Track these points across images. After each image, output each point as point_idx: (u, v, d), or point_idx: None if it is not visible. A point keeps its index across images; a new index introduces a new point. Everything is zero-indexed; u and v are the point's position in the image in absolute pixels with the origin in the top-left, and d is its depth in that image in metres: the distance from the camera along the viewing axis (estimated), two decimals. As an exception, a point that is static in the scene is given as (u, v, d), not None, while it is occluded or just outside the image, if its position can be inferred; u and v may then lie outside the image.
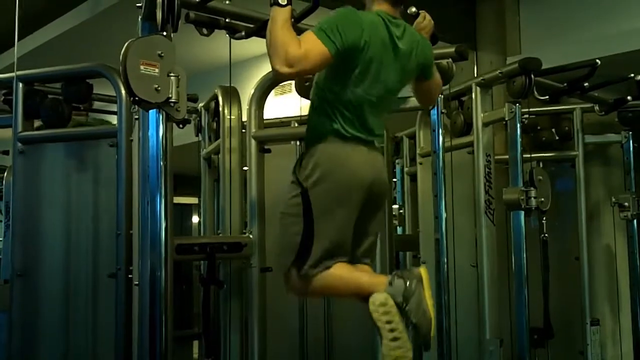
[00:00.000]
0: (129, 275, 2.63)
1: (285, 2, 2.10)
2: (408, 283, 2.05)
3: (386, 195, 2.42)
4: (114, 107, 3.15)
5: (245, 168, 3.27)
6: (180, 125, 3.90)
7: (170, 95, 2.04)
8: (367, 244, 2.31)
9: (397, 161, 4.79)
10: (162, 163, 2.18)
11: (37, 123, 3.26)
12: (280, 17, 2.07)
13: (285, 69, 2.04)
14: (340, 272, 2.16)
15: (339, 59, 2.12)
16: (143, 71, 1.97)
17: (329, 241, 2.14)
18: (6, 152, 4.15)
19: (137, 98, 1.97)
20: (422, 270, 2.12)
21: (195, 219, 9.15)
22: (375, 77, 2.20)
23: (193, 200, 8.36)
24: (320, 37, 2.07)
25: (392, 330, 2.02)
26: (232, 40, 2.64)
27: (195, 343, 5.16)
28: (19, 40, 3.17)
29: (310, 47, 2.06)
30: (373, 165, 2.25)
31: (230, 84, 3.39)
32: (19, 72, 3.08)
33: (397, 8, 2.29)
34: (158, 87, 2.00)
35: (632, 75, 3.59)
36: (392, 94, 2.34)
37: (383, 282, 2.09)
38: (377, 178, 2.26)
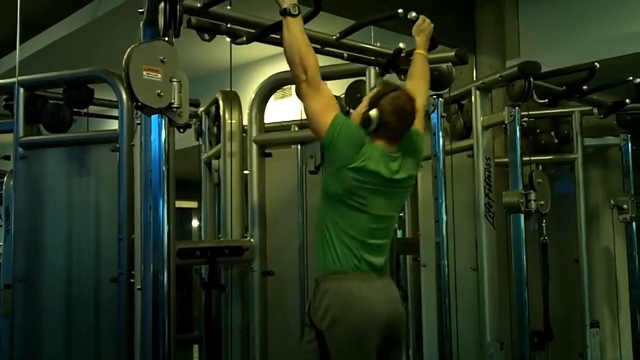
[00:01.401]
0: (131, 280, 2.64)
1: (297, 12, 2.17)
2: None
3: (403, 327, 2.36)
4: (115, 112, 3.16)
5: (246, 172, 3.28)
6: (181, 130, 3.94)
7: (172, 101, 2.04)
8: None
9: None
10: (164, 167, 2.18)
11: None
12: (296, 27, 2.16)
13: (302, 77, 2.17)
14: None
15: (331, 173, 2.17)
16: (146, 77, 1.98)
17: None
18: (7, 157, 4.15)
19: (139, 103, 1.98)
20: None
21: (195, 223, 9.14)
22: (374, 203, 2.20)
23: (193, 204, 8.35)
24: (335, 121, 2.15)
25: None
26: (233, 45, 2.65)
27: (196, 347, 5.16)
28: (19, 44, 3.19)
29: (328, 104, 2.18)
30: (387, 299, 2.22)
31: (231, 88, 3.40)
32: (20, 78, 3.09)
33: (393, 144, 2.26)
34: (160, 92, 2.01)
35: (631, 78, 3.60)
36: (394, 215, 2.34)
37: None
38: (393, 311, 2.21)
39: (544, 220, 3.42)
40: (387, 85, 2.32)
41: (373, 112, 2.21)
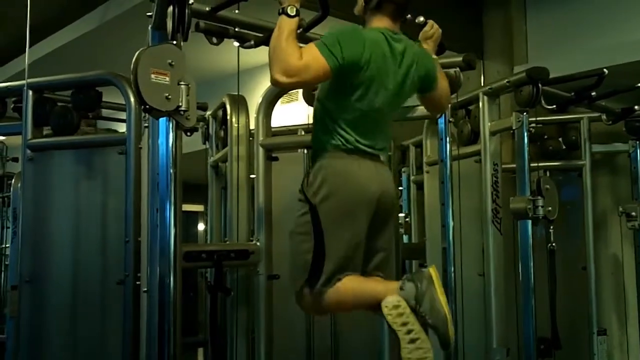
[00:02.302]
0: (137, 282, 2.64)
1: (294, 13, 2.13)
2: (419, 285, 2.04)
3: (395, 209, 2.42)
4: (122, 115, 3.17)
5: (252, 176, 3.28)
6: (188, 133, 3.95)
7: (180, 104, 2.05)
8: (379, 258, 2.30)
9: (403, 170, 4.79)
10: (171, 171, 2.18)
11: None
12: (286, 28, 2.11)
13: (283, 79, 2.08)
14: (352, 285, 2.15)
15: (339, 75, 2.14)
16: (154, 80, 1.99)
17: (340, 257, 2.14)
18: (15, 159, 4.18)
19: (147, 106, 1.98)
20: (432, 270, 2.10)
21: (201, 226, 9.16)
22: (377, 93, 2.21)
23: (199, 207, 8.38)
24: (321, 51, 2.09)
25: (409, 332, 2.01)
26: (240, 49, 2.66)
27: (201, 350, 5.16)
28: (29, 48, 3.20)
29: (311, 59, 2.09)
30: (380, 179, 2.26)
31: (238, 92, 3.41)
32: (28, 80, 3.10)
33: (397, 22, 2.30)
34: (168, 95, 2.02)
35: (640, 84, 3.59)
36: (394, 108, 2.35)
37: (394, 288, 2.09)
38: (385, 192, 2.26)
39: (551, 227, 3.41)
40: None
41: None
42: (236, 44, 2.57)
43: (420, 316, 2.03)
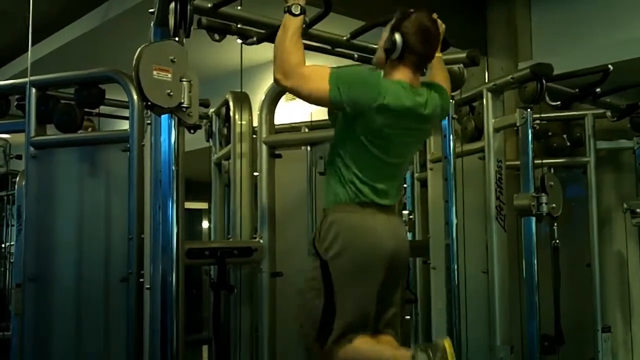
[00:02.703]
0: (141, 280, 2.65)
1: (299, 12, 2.13)
2: (432, 357, 2.00)
3: (407, 264, 2.38)
4: (126, 113, 3.17)
5: (256, 174, 3.27)
6: (192, 131, 3.96)
7: (182, 100, 2.05)
8: (390, 314, 2.26)
9: (407, 167, 4.77)
10: (174, 168, 2.18)
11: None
12: (291, 27, 2.11)
13: (282, 79, 2.09)
14: (363, 347, 2.12)
15: (352, 119, 2.11)
16: (156, 76, 1.99)
17: (351, 316, 2.10)
18: (19, 157, 4.18)
19: (149, 103, 1.98)
20: (447, 344, 2.04)
21: (205, 224, 9.16)
22: (396, 144, 2.18)
23: (203, 205, 8.37)
24: (330, 77, 2.08)
25: None
26: (243, 46, 2.65)
27: (205, 348, 5.17)
28: (31, 46, 3.20)
29: (316, 76, 2.09)
30: (394, 234, 2.21)
31: (241, 89, 3.40)
32: (31, 78, 3.10)
33: (418, 74, 2.24)
34: (170, 92, 2.02)
35: (644, 81, 3.58)
36: (409, 157, 2.35)
37: (406, 356, 2.05)
38: (399, 247, 2.21)
39: (555, 224, 3.40)
40: (405, 9, 2.25)
41: (396, 36, 2.16)
42: (239, 40, 2.56)
43: None
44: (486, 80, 4.22)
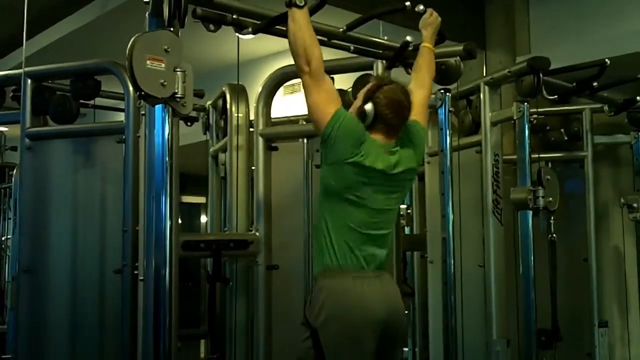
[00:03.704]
0: (135, 272, 2.64)
1: (303, 3, 2.15)
2: None
3: (403, 327, 2.31)
4: (122, 105, 3.16)
5: (253, 168, 3.26)
6: (189, 123, 3.94)
7: (176, 90, 2.04)
8: None
9: (405, 161, 4.75)
10: (167, 159, 2.17)
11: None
12: (302, 19, 2.13)
13: (305, 68, 2.13)
14: None
15: (330, 163, 2.14)
16: (149, 66, 1.97)
17: None
18: (15, 148, 4.18)
19: (143, 93, 1.97)
20: None
21: (203, 218, 9.15)
22: (373, 197, 2.17)
23: (201, 199, 8.36)
24: (336, 114, 2.12)
25: None
26: (240, 39, 2.64)
27: (203, 342, 5.16)
28: (28, 39, 3.19)
29: (328, 97, 2.15)
30: (386, 298, 2.17)
31: (238, 81, 3.39)
32: (27, 69, 3.09)
33: (392, 139, 2.24)
34: (164, 82, 2.00)
35: (642, 75, 3.56)
36: (395, 207, 2.32)
37: None
38: (391, 312, 2.16)
39: (552, 218, 3.38)
40: (381, 79, 2.32)
41: (368, 106, 2.20)
42: (238, 35, 2.54)
43: None
44: (484, 74, 4.21)
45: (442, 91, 3.11)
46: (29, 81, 3.09)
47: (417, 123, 2.35)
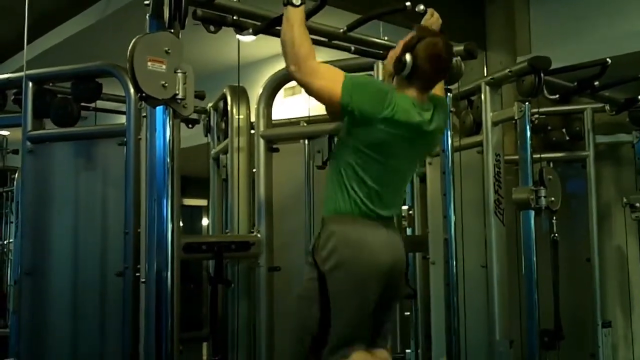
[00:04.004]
0: (137, 274, 2.63)
1: (299, 3, 2.12)
2: None
3: (404, 278, 2.37)
4: (123, 107, 3.16)
5: (254, 170, 3.26)
6: (190, 125, 3.94)
7: (177, 92, 2.03)
8: (385, 328, 2.27)
9: (406, 162, 4.75)
10: (169, 161, 2.16)
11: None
12: (296, 18, 2.11)
13: (293, 69, 2.08)
14: None
15: (359, 127, 2.11)
16: (150, 67, 1.97)
17: (347, 329, 2.09)
18: (16, 152, 4.18)
19: (144, 94, 1.97)
20: None
21: (205, 221, 9.15)
22: (397, 154, 2.17)
23: (203, 202, 8.36)
24: (345, 81, 2.08)
25: None
26: (241, 41, 2.64)
27: (204, 345, 5.15)
28: (29, 42, 3.19)
29: (329, 76, 2.09)
30: (393, 248, 2.20)
31: (238, 83, 3.40)
32: (28, 72, 3.10)
33: (425, 93, 2.23)
34: (165, 83, 2.00)
35: (643, 74, 3.55)
36: (414, 168, 2.34)
37: None
38: (397, 262, 2.20)
39: (554, 218, 3.38)
40: (423, 30, 2.26)
41: (407, 57, 2.15)
42: (238, 36, 2.54)
43: None
44: (485, 74, 4.21)
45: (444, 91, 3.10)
46: (30, 84, 3.10)
47: (443, 97, 2.42)
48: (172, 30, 2.11)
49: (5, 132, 4.89)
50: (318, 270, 2.11)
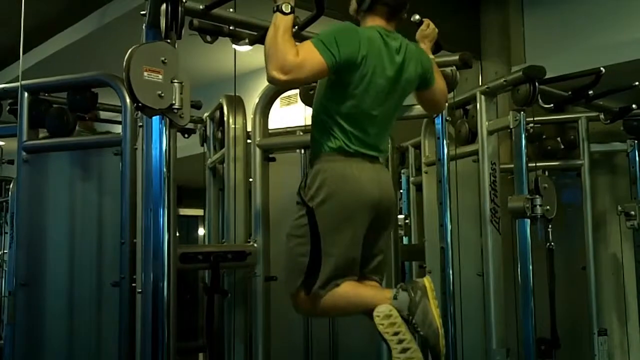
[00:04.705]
0: (133, 285, 2.63)
1: (289, 10, 2.12)
2: (412, 295, 2.05)
3: (393, 212, 2.41)
4: (119, 117, 3.16)
5: (251, 179, 3.26)
6: (186, 135, 3.94)
7: (173, 102, 2.04)
8: (376, 261, 2.31)
9: (402, 171, 4.77)
10: (165, 170, 2.17)
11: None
12: (282, 25, 2.10)
13: (280, 76, 2.06)
14: (347, 290, 2.15)
15: (336, 73, 2.14)
16: (147, 77, 1.97)
17: (337, 261, 2.13)
18: (11, 162, 4.17)
19: (140, 104, 1.97)
20: (427, 281, 2.11)
21: (201, 231, 9.14)
22: (375, 91, 2.20)
23: (199, 212, 8.35)
24: (318, 47, 2.09)
25: (400, 342, 2.02)
26: (238, 52, 2.64)
27: (201, 355, 5.13)
28: (25, 52, 3.20)
29: (307, 56, 2.08)
30: (379, 183, 2.24)
31: (235, 92, 3.40)
32: (24, 82, 3.10)
33: (392, 22, 2.30)
34: (161, 93, 2.00)
35: (637, 83, 3.57)
36: (394, 108, 2.34)
37: (388, 297, 2.10)
38: (384, 196, 2.25)
39: (550, 226, 3.39)
40: None
41: None
42: (234, 46, 2.55)
43: (411, 326, 2.03)
44: (480, 84, 4.23)
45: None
46: (26, 94, 3.09)
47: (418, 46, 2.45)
48: (169, 40, 2.12)
49: (0, 142, 4.87)
50: (307, 207, 2.16)
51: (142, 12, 2.22)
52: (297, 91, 3.31)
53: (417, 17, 2.67)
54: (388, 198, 2.28)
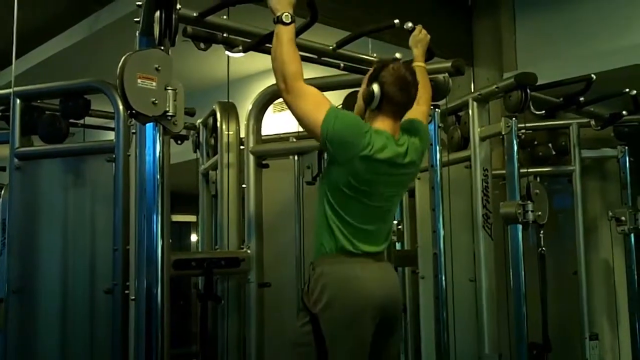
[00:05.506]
0: (126, 291, 2.62)
1: (289, 20, 2.14)
2: None
3: (399, 314, 2.33)
4: (111, 124, 3.16)
5: (244, 186, 3.26)
6: (179, 142, 3.94)
7: (167, 109, 2.03)
8: None
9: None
10: (158, 177, 2.16)
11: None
12: (285, 36, 2.12)
13: (282, 87, 2.11)
14: None
15: (341, 166, 2.12)
16: (140, 84, 1.97)
17: None
18: (3, 169, 4.15)
19: (134, 111, 1.97)
20: None
21: (193, 237, 9.11)
22: (378, 189, 2.19)
23: (192, 218, 8.33)
24: (328, 113, 2.09)
25: None
26: (231, 58, 2.65)
27: (194, 361, 5.12)
28: (17, 58, 3.19)
29: (314, 101, 2.11)
30: (384, 283, 2.20)
31: (228, 99, 3.40)
32: (16, 88, 3.09)
33: (398, 122, 2.26)
34: (155, 100, 2.00)
35: (627, 90, 3.61)
36: (396, 201, 2.34)
37: None
38: (390, 296, 2.19)
39: (541, 231, 3.41)
40: (385, 60, 2.29)
41: (374, 86, 2.19)
42: (228, 53, 2.56)
43: None
44: (472, 90, 4.25)
45: (431, 107, 3.12)
46: (18, 101, 3.09)
47: (421, 122, 2.41)
48: (162, 47, 2.11)
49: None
50: (310, 313, 2.11)
51: (135, 19, 2.22)
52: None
53: (410, 24, 2.69)
54: (394, 298, 2.22)
